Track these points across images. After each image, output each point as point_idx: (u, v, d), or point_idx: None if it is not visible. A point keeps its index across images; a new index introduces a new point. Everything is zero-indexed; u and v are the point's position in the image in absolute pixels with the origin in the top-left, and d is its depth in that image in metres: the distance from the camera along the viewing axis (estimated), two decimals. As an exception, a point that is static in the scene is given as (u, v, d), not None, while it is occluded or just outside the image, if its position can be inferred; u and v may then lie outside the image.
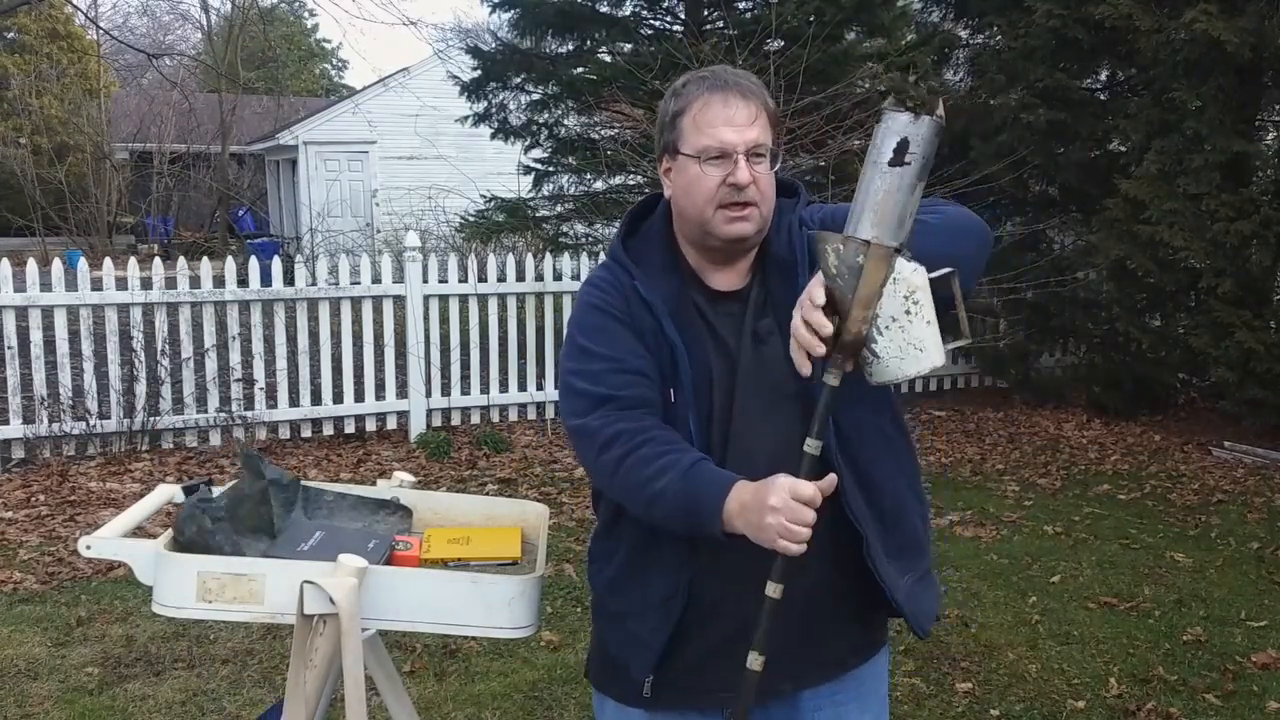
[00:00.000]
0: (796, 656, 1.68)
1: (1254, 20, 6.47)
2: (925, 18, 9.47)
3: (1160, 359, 7.71)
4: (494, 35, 10.95)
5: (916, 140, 1.39)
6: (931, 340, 1.41)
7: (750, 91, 1.65)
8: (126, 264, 6.32)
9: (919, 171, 1.39)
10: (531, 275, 7.18)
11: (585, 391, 1.64)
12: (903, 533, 1.69)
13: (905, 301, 1.40)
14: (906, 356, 1.41)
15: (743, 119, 1.63)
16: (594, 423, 1.61)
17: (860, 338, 1.42)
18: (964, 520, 5.38)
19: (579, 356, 1.68)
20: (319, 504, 2.18)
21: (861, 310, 1.41)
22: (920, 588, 1.72)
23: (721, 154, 1.62)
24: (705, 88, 1.66)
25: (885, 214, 1.40)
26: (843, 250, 1.42)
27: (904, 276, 1.39)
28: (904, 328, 1.41)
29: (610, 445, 1.59)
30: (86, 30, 23.57)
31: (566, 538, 4.97)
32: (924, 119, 1.39)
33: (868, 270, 1.40)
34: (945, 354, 1.43)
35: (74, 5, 20.41)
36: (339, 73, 40.42)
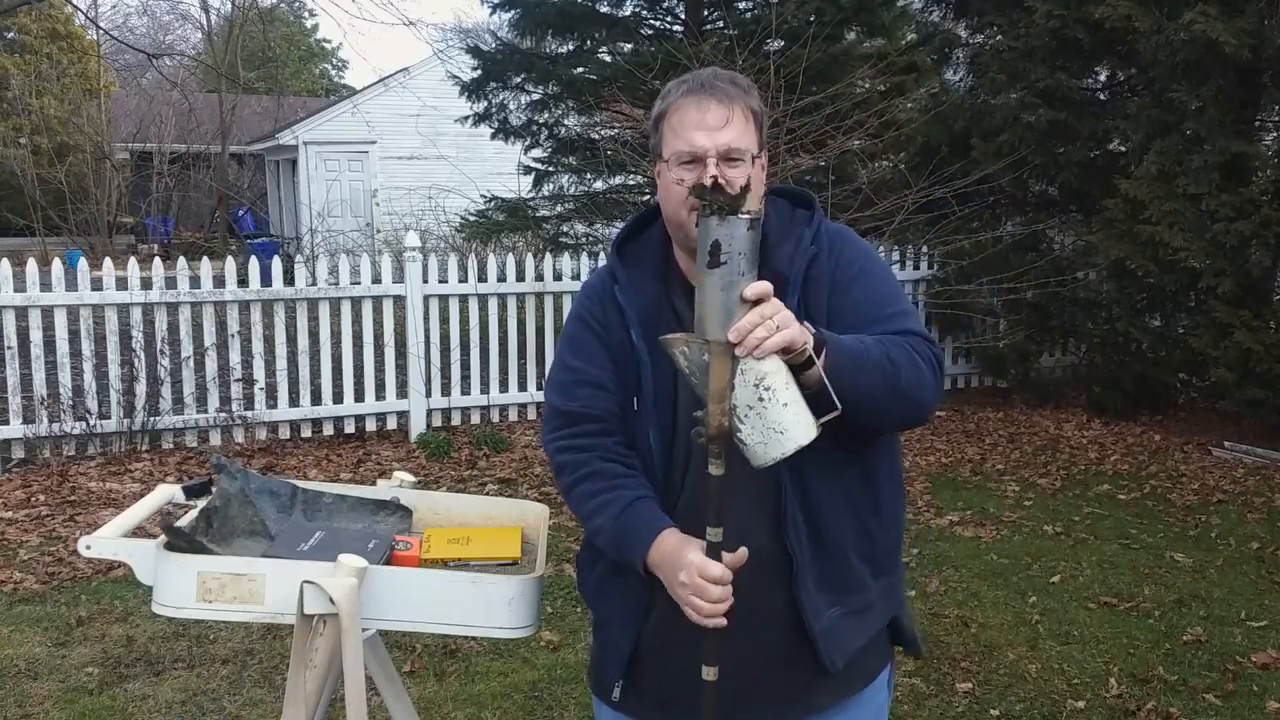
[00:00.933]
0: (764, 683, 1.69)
1: (1253, 21, 6.48)
2: (925, 18, 9.47)
3: (1160, 359, 7.71)
4: (494, 35, 10.96)
5: (728, 240, 1.45)
6: (791, 421, 1.46)
7: (728, 95, 1.62)
8: (126, 264, 6.32)
9: (739, 267, 1.45)
10: (531, 275, 7.18)
11: (550, 404, 1.75)
12: (839, 569, 1.67)
13: (756, 390, 1.46)
14: (769, 440, 1.47)
15: (715, 122, 1.61)
16: (550, 446, 1.73)
17: (724, 429, 1.48)
18: (964, 520, 5.38)
19: (555, 367, 1.79)
20: (319, 505, 2.18)
21: (716, 404, 1.48)
22: (846, 623, 1.68)
23: (693, 158, 1.61)
24: (683, 91, 1.64)
25: (716, 312, 1.46)
26: (689, 351, 1.50)
27: (750, 367, 1.45)
28: (761, 414, 1.46)
29: (561, 473, 1.72)
30: (86, 30, 23.60)
31: (566, 538, 4.97)
32: (729, 220, 1.45)
33: (713, 367, 1.47)
34: (813, 429, 1.47)
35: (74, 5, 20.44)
36: (339, 73, 40.45)
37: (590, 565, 1.82)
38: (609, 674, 1.77)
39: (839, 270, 1.68)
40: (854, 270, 1.69)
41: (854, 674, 1.73)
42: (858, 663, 1.72)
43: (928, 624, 4.08)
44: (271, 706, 3.36)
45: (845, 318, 1.64)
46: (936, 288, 8.20)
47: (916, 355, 1.60)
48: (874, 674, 1.77)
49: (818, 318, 1.62)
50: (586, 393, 1.70)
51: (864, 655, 1.73)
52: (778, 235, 1.70)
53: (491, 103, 10.04)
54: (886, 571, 1.76)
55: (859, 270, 1.69)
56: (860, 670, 1.74)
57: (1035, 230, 8.41)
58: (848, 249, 1.71)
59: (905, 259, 8.35)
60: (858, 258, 1.70)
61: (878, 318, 1.64)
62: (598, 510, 1.65)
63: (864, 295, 1.67)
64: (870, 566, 1.71)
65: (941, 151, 7.81)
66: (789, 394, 1.46)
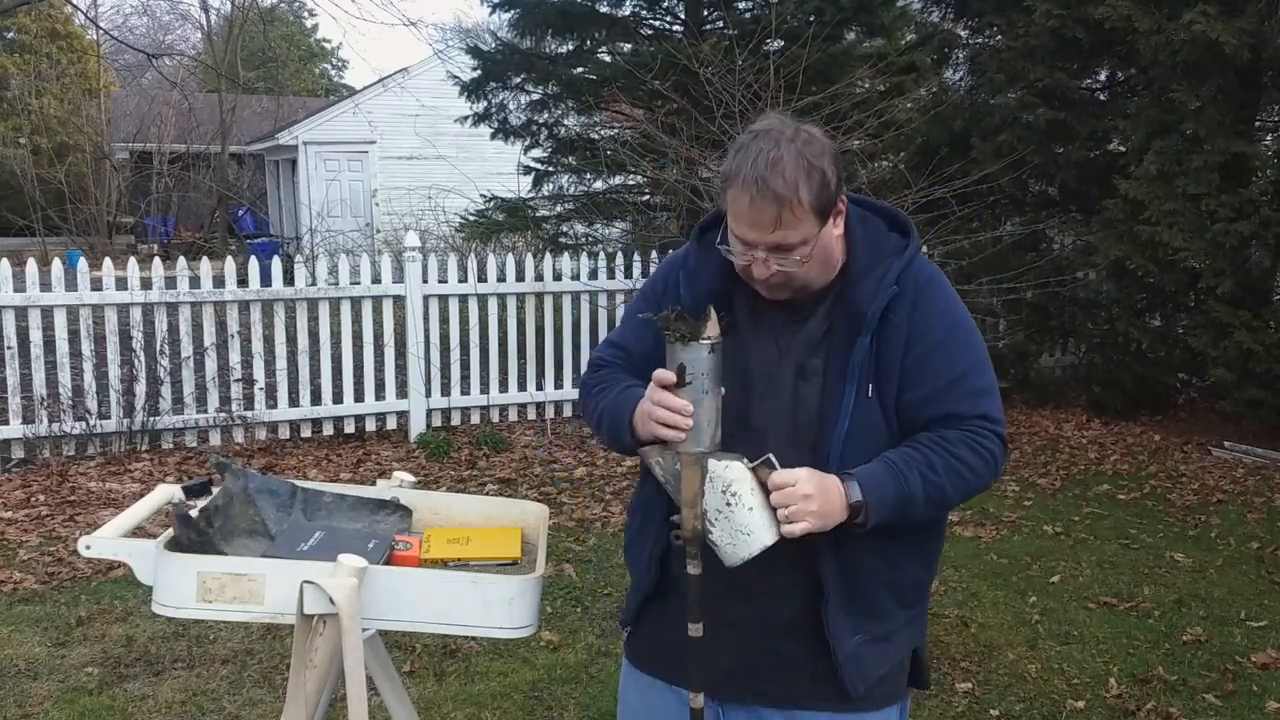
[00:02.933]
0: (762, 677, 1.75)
1: (1253, 21, 6.48)
2: (925, 18, 9.47)
3: (1160, 359, 7.71)
4: (494, 35, 10.96)
5: (691, 363, 1.59)
6: (757, 524, 1.58)
7: (781, 193, 1.56)
8: (126, 264, 6.32)
9: (703, 385, 1.59)
10: (531, 275, 7.18)
11: (592, 357, 1.94)
12: (867, 600, 1.71)
13: (724, 495, 1.59)
14: (737, 542, 1.59)
15: (766, 222, 1.58)
16: (584, 381, 1.91)
17: (697, 532, 1.62)
18: (964, 520, 5.38)
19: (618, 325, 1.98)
20: (319, 505, 2.18)
21: (688, 510, 1.61)
22: (869, 650, 1.72)
23: (746, 245, 1.63)
24: (741, 177, 1.59)
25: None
26: (664, 461, 1.65)
27: (718, 475, 1.59)
28: (729, 518, 1.59)
29: (583, 391, 1.90)
30: (86, 30, 23.58)
31: (566, 538, 4.97)
32: (692, 344, 1.59)
33: (685, 475, 1.61)
34: (778, 531, 1.59)
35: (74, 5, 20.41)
36: (339, 73, 40.45)
37: (630, 516, 1.94)
38: (625, 617, 1.91)
39: (920, 326, 1.66)
40: (937, 335, 1.67)
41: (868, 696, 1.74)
42: (873, 690, 1.74)
43: (928, 624, 4.08)
44: (271, 706, 3.36)
45: (918, 386, 1.65)
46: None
47: (973, 454, 1.64)
48: (880, 703, 1.78)
49: (889, 367, 1.65)
50: (611, 351, 1.89)
51: (881, 683, 1.76)
52: (862, 265, 1.68)
53: (491, 103, 10.04)
54: (913, 604, 1.79)
55: (942, 336, 1.67)
56: (871, 697, 1.75)
57: (1035, 230, 8.42)
58: (935, 303, 1.69)
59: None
60: (945, 317, 1.68)
61: (952, 395, 1.66)
62: (600, 397, 1.81)
63: (943, 368, 1.66)
64: (896, 596, 1.74)
65: (941, 151, 7.81)
66: (754, 499, 1.58)
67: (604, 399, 1.79)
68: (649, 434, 1.65)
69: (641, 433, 1.68)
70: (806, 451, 1.65)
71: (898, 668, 1.80)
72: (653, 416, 1.62)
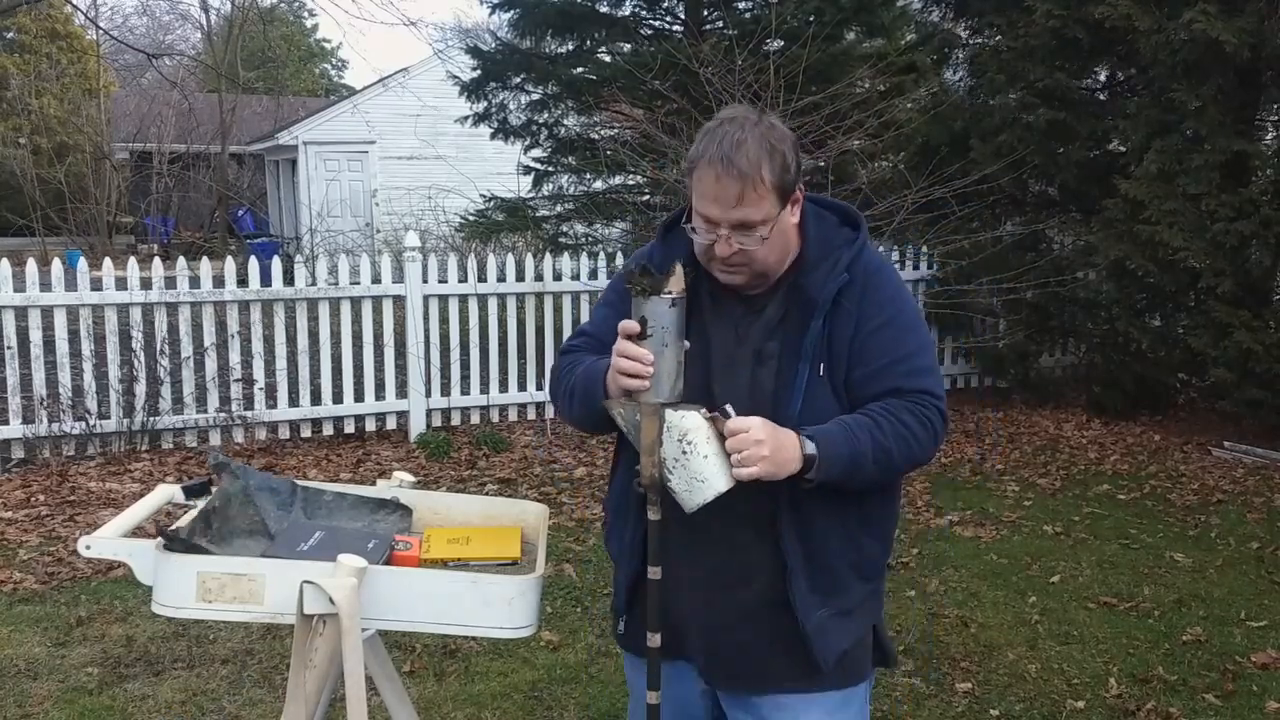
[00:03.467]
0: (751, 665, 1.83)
1: (1253, 20, 6.48)
2: (925, 18, 9.47)
3: (1160, 359, 7.70)
4: (494, 35, 10.96)
5: (652, 315, 1.68)
6: (711, 471, 1.65)
7: (744, 173, 1.67)
8: (126, 264, 6.32)
9: (663, 338, 1.68)
10: (531, 275, 7.18)
11: (561, 346, 2.01)
12: (828, 576, 1.79)
13: (680, 444, 1.65)
14: (693, 489, 1.66)
15: (730, 198, 1.68)
16: (554, 368, 1.97)
17: (655, 479, 1.70)
18: (964, 520, 5.38)
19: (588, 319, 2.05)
20: (319, 504, 2.18)
21: (647, 457, 1.69)
22: (834, 623, 1.80)
23: (709, 223, 1.72)
24: (708, 157, 1.70)
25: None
26: (625, 412, 1.72)
27: (674, 424, 1.66)
28: (685, 465, 1.66)
29: (553, 377, 1.97)
30: (86, 30, 23.57)
31: (566, 538, 4.97)
32: (653, 298, 1.67)
33: (643, 425, 1.69)
34: (732, 479, 1.65)
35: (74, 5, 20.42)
36: (339, 73, 40.45)
37: (606, 511, 2.01)
38: (616, 608, 1.97)
39: (869, 310, 1.77)
40: (884, 317, 1.77)
41: (831, 674, 1.82)
42: (838, 664, 1.83)
43: (928, 624, 4.08)
44: (271, 706, 3.36)
45: (866, 363, 1.76)
46: (936, 288, 8.19)
47: (917, 422, 1.73)
48: (848, 679, 1.86)
49: (839, 348, 1.76)
50: (582, 340, 1.96)
51: (845, 658, 1.84)
52: (815, 255, 1.80)
53: (491, 103, 10.04)
54: (872, 577, 1.88)
55: (889, 318, 1.77)
56: (835, 669, 1.83)
57: (1035, 230, 8.41)
58: (883, 290, 1.79)
59: (905, 259, 8.35)
60: (889, 303, 1.79)
61: (897, 371, 1.76)
62: (571, 373, 1.87)
63: (888, 346, 1.76)
64: (856, 570, 1.83)
65: (941, 151, 7.80)
66: (709, 447, 1.65)
67: (575, 372, 1.87)
68: (616, 388, 1.72)
69: (611, 389, 1.75)
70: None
71: (861, 644, 1.88)
72: (616, 367, 1.70)
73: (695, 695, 1.94)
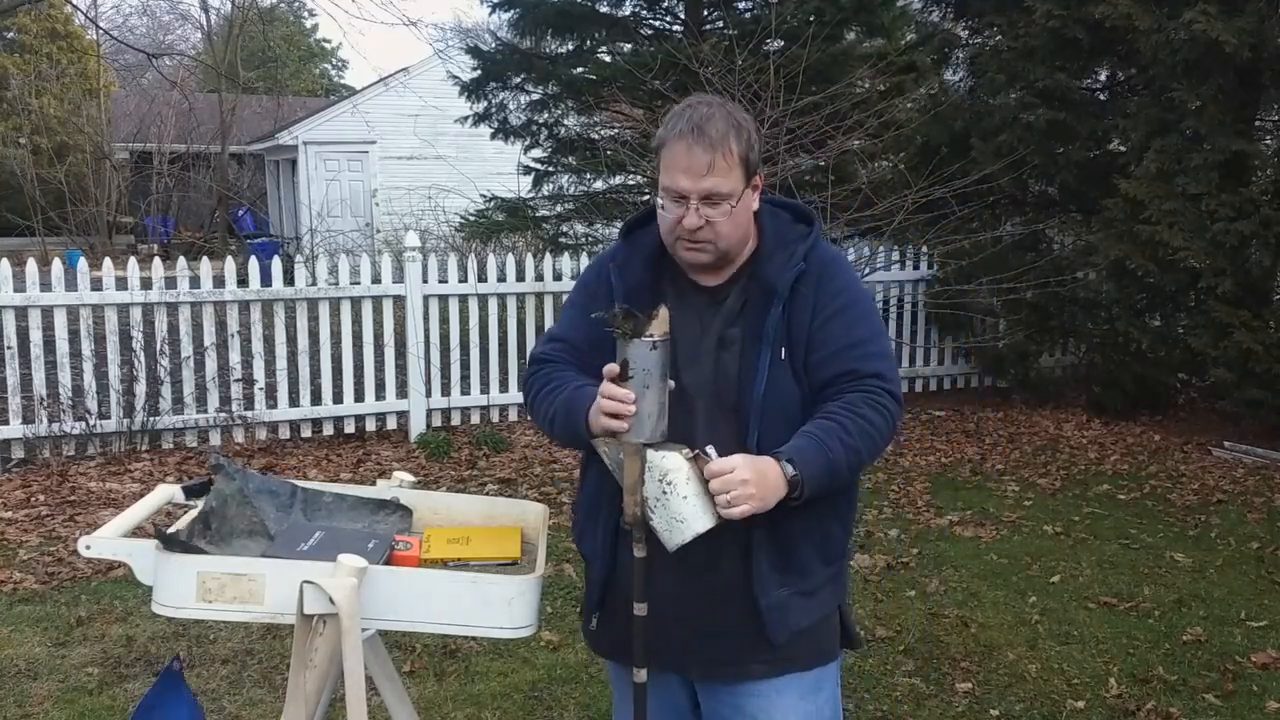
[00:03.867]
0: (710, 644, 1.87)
1: (1253, 20, 6.47)
2: (925, 18, 9.47)
3: (1160, 359, 7.70)
4: (494, 35, 10.96)
5: (634, 358, 1.70)
6: (690, 512, 1.67)
7: (714, 142, 1.75)
8: (126, 264, 6.32)
9: (645, 380, 1.70)
10: (531, 275, 7.18)
11: (533, 353, 2.00)
12: (790, 556, 1.85)
13: (660, 484, 1.68)
14: (673, 529, 1.68)
15: (700, 167, 1.76)
16: (528, 379, 1.97)
17: (637, 518, 1.72)
18: (964, 520, 5.38)
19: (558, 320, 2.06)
20: (319, 505, 2.18)
21: (629, 496, 1.72)
22: (795, 601, 1.85)
23: (678, 196, 1.78)
24: (677, 132, 1.78)
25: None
26: (609, 450, 1.74)
27: (656, 464, 1.68)
28: (665, 505, 1.68)
29: (528, 389, 1.96)
30: (86, 30, 23.57)
31: (566, 538, 4.96)
32: (635, 341, 1.69)
33: (626, 464, 1.72)
34: (712, 519, 1.67)
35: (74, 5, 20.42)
36: (339, 73, 40.43)
37: (577, 513, 2.03)
38: (589, 607, 1.98)
39: (824, 298, 1.84)
40: (838, 304, 1.84)
41: (796, 652, 1.88)
42: (801, 642, 1.88)
43: (928, 624, 4.08)
44: (271, 706, 3.37)
45: (822, 348, 1.82)
46: (936, 288, 8.19)
47: (874, 411, 1.78)
48: (816, 659, 1.91)
49: (798, 333, 1.82)
50: (558, 347, 1.96)
51: (809, 636, 1.88)
52: (771, 247, 1.88)
53: (491, 103, 10.04)
54: (834, 559, 1.93)
55: (843, 305, 1.85)
56: (802, 650, 1.88)
57: (1035, 230, 8.41)
58: (837, 279, 1.87)
59: (905, 259, 8.35)
60: (844, 291, 1.86)
61: (852, 355, 1.82)
62: (550, 398, 1.88)
63: (843, 331, 1.83)
64: (819, 554, 1.88)
65: (941, 151, 7.80)
66: (689, 488, 1.67)
67: (556, 399, 1.87)
68: (599, 427, 1.75)
69: (594, 427, 1.77)
70: (729, 413, 1.82)
71: (825, 625, 1.93)
72: (599, 408, 1.73)
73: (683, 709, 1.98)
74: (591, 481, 1.96)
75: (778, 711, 1.87)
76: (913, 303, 8.37)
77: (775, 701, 1.87)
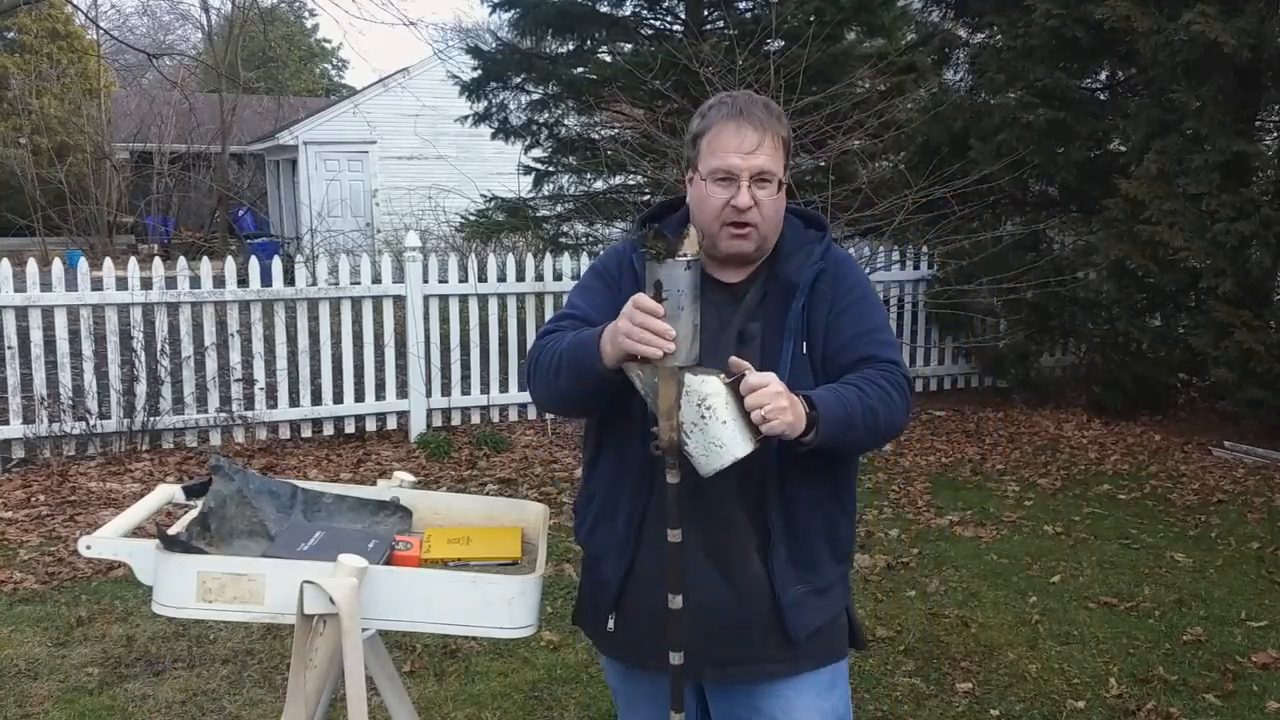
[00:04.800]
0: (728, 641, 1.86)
1: (1253, 21, 6.47)
2: (925, 17, 9.47)
3: (1160, 359, 7.70)
4: (494, 35, 10.95)
5: (668, 279, 1.66)
6: (729, 437, 1.65)
7: (763, 122, 1.81)
8: (126, 264, 6.32)
9: (679, 302, 1.66)
10: (531, 275, 7.18)
11: (544, 326, 1.97)
12: (806, 551, 1.87)
13: (699, 409, 1.65)
14: (711, 453, 1.66)
15: (750, 145, 1.80)
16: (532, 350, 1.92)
17: (673, 442, 1.69)
18: (964, 520, 5.38)
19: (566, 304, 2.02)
20: (319, 505, 2.18)
21: (665, 420, 1.68)
22: (811, 599, 1.88)
23: (728, 176, 1.81)
24: (723, 115, 1.82)
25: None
26: (643, 374, 1.71)
27: (694, 388, 1.65)
28: (703, 430, 1.65)
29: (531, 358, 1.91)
30: (86, 30, 23.55)
31: (566, 538, 4.96)
32: (669, 261, 1.66)
33: (661, 388, 1.68)
34: (750, 444, 1.65)
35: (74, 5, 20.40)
36: (339, 73, 40.43)
37: (586, 506, 1.99)
38: (601, 609, 1.95)
39: (840, 291, 1.89)
40: (853, 297, 1.90)
41: (812, 649, 1.89)
42: (817, 641, 1.90)
43: (928, 624, 4.08)
44: (271, 706, 3.37)
45: (840, 334, 1.87)
46: (936, 288, 8.19)
47: (892, 387, 1.81)
48: (829, 657, 1.92)
49: (817, 325, 1.86)
50: (567, 321, 1.91)
51: (823, 635, 1.90)
52: (790, 247, 1.92)
53: (491, 103, 10.04)
54: (844, 558, 1.97)
55: (856, 298, 1.90)
56: (818, 648, 1.90)
57: (1035, 230, 8.41)
58: (849, 276, 1.92)
59: (905, 259, 8.35)
60: (856, 286, 1.92)
61: (865, 342, 1.86)
62: (553, 349, 1.83)
63: (857, 321, 1.88)
64: (831, 550, 1.91)
65: (941, 151, 7.81)
66: (728, 412, 1.64)
67: (560, 345, 1.82)
68: (620, 352, 1.68)
69: (611, 352, 1.71)
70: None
71: (836, 623, 1.96)
72: (631, 336, 1.66)
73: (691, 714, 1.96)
74: (606, 472, 1.93)
75: (797, 711, 1.88)
76: (913, 303, 8.37)
77: (795, 701, 1.88)
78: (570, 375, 1.80)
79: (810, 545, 1.87)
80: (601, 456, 1.95)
